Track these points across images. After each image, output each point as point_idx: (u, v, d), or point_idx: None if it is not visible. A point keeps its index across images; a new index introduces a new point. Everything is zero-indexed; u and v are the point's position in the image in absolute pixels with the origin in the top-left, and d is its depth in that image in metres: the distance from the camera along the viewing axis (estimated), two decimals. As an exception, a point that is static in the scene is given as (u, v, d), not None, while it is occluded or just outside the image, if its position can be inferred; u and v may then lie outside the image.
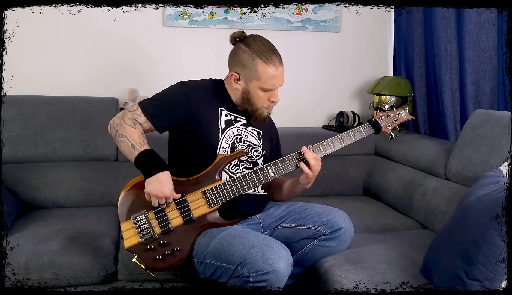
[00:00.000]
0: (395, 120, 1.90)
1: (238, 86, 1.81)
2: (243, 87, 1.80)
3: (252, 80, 1.78)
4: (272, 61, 1.76)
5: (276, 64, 1.77)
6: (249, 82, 1.79)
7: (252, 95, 1.80)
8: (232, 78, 1.81)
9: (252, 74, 1.77)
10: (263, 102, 1.82)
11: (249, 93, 1.80)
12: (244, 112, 1.87)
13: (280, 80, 1.80)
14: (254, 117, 1.85)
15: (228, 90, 1.88)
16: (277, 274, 1.52)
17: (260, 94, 1.79)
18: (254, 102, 1.81)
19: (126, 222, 1.71)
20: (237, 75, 1.80)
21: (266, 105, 1.83)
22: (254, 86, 1.78)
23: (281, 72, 1.79)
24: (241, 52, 1.79)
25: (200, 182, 1.75)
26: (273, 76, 1.77)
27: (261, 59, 1.76)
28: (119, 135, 1.74)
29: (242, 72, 1.79)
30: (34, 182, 2.36)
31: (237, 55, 1.80)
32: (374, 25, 3.02)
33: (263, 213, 1.88)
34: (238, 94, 1.84)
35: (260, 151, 1.90)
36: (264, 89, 1.78)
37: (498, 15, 2.21)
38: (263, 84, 1.77)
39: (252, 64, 1.76)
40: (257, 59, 1.76)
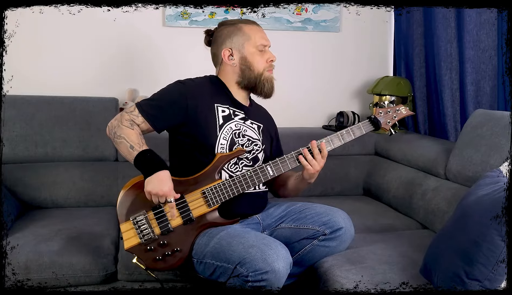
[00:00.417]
0: (395, 116, 1.89)
1: (235, 61, 1.84)
2: (239, 57, 1.84)
3: (244, 44, 1.84)
4: (251, 22, 1.89)
5: (256, 24, 1.89)
6: (242, 49, 1.84)
7: (250, 60, 1.84)
8: (226, 56, 1.85)
9: (242, 38, 1.84)
10: (263, 64, 1.85)
11: (247, 59, 1.84)
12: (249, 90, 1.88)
13: (266, 37, 1.88)
14: (262, 86, 1.85)
15: (225, 79, 1.88)
16: (276, 273, 1.51)
17: (257, 56, 1.84)
18: (254, 66, 1.84)
19: (126, 223, 1.71)
20: (229, 50, 1.84)
21: (267, 67, 1.86)
22: (248, 49, 1.84)
23: (262, 30, 1.89)
24: (222, 31, 1.87)
25: (199, 181, 1.75)
26: (258, 31, 1.86)
27: (241, 23, 1.87)
28: (117, 137, 1.74)
29: (231, 44, 1.84)
30: (34, 182, 2.36)
31: (220, 35, 1.87)
32: (374, 25, 3.02)
33: (263, 213, 1.88)
34: (237, 71, 1.85)
35: (259, 145, 1.90)
36: (258, 47, 1.84)
37: (498, 15, 2.21)
38: (254, 42, 1.84)
39: (237, 30, 1.85)
40: (238, 24, 1.86)
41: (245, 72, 1.84)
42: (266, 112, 2.04)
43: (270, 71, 1.88)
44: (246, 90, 1.89)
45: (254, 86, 1.86)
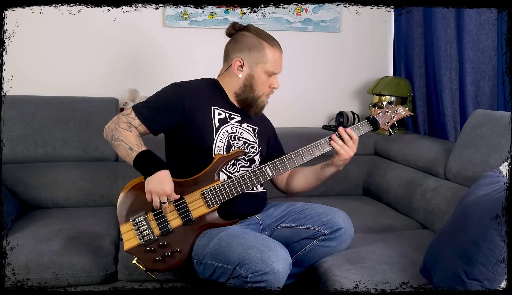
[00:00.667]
0: (393, 116, 1.89)
1: (241, 74, 1.82)
2: (246, 73, 1.82)
3: (259, 64, 1.80)
4: (276, 45, 1.83)
5: (279, 49, 1.84)
6: (254, 66, 1.81)
7: (256, 81, 1.82)
8: (235, 65, 1.82)
9: (259, 58, 1.80)
10: (265, 88, 1.84)
11: (253, 78, 1.82)
12: (243, 104, 1.86)
13: (281, 65, 1.85)
14: (254, 107, 1.85)
15: (224, 84, 1.88)
16: (276, 274, 1.51)
17: (263, 79, 1.82)
18: (256, 88, 1.83)
19: (125, 224, 1.71)
20: (241, 62, 1.81)
21: (267, 92, 1.86)
22: (260, 70, 1.81)
23: (282, 57, 1.85)
24: (246, 38, 1.81)
25: (198, 182, 1.75)
26: (277, 59, 1.82)
27: (267, 42, 1.81)
28: (115, 139, 1.73)
29: (247, 57, 1.80)
30: (34, 182, 2.36)
31: (241, 41, 1.82)
32: (374, 25, 3.02)
33: (262, 213, 1.88)
34: (239, 83, 1.84)
35: (256, 147, 1.90)
36: (269, 72, 1.81)
37: (498, 15, 2.21)
38: (269, 67, 1.81)
39: (260, 47, 1.80)
40: (263, 42, 1.80)
41: (246, 88, 1.83)
42: (262, 114, 2.03)
43: (268, 97, 1.88)
44: (239, 103, 1.88)
45: (248, 103, 1.86)
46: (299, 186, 1.97)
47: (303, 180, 1.95)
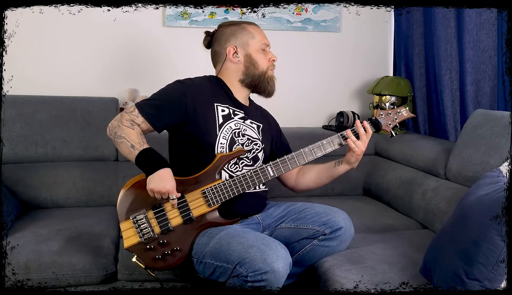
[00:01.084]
0: (396, 118, 1.89)
1: (240, 58, 1.86)
2: (243, 55, 1.87)
3: (248, 42, 1.87)
4: (252, 23, 1.93)
5: (256, 24, 1.94)
6: (246, 46, 1.87)
7: (255, 57, 1.87)
8: (230, 54, 1.86)
9: (246, 36, 1.87)
10: (266, 62, 1.89)
11: (251, 56, 1.87)
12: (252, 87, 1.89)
13: (267, 38, 1.92)
14: (265, 83, 1.88)
15: (227, 78, 1.89)
16: (276, 273, 1.51)
17: (260, 55, 1.88)
18: (259, 64, 1.87)
19: (126, 222, 1.71)
20: (234, 48, 1.87)
21: (270, 66, 1.90)
22: (252, 47, 1.87)
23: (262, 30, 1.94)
24: (224, 30, 1.90)
25: (200, 181, 1.75)
26: (260, 30, 1.92)
27: (243, 23, 1.91)
28: (118, 137, 1.74)
29: (236, 41, 1.87)
30: (34, 182, 2.36)
31: (223, 34, 1.89)
32: (374, 25, 3.02)
33: (262, 213, 1.88)
34: (240, 68, 1.87)
35: (259, 144, 1.90)
36: (261, 46, 1.88)
37: (498, 15, 2.21)
38: (258, 41, 1.88)
39: (241, 28, 1.89)
40: (242, 24, 1.91)
41: (249, 70, 1.86)
42: (266, 112, 2.04)
43: (272, 70, 1.91)
44: (248, 88, 1.90)
45: (258, 84, 1.88)
46: (311, 182, 1.98)
47: (315, 176, 1.96)
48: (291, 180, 2.01)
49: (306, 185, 1.99)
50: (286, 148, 2.03)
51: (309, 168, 1.98)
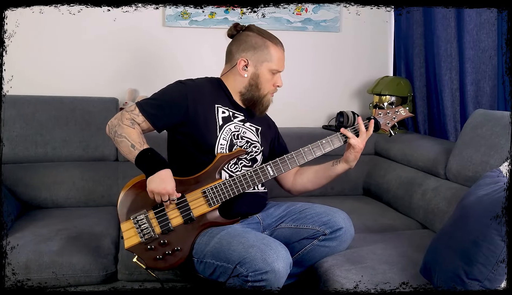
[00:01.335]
0: (394, 117, 1.90)
1: (247, 73, 1.83)
2: (252, 72, 1.83)
3: (263, 63, 1.82)
4: (279, 44, 1.86)
5: (282, 47, 1.87)
6: (259, 65, 1.83)
7: (261, 80, 1.83)
8: (240, 65, 1.83)
9: (264, 56, 1.82)
10: (269, 87, 1.86)
11: (258, 77, 1.83)
12: (248, 103, 1.87)
13: (284, 63, 1.88)
14: (260, 105, 1.86)
15: (229, 83, 1.88)
16: (276, 273, 1.52)
17: (268, 77, 1.84)
18: (262, 87, 1.84)
19: (126, 222, 1.71)
20: (246, 61, 1.83)
21: (272, 91, 1.88)
22: (264, 68, 1.83)
23: (284, 55, 1.88)
24: (250, 38, 1.83)
25: (200, 181, 1.75)
26: (281, 57, 1.85)
27: (271, 41, 1.84)
28: (118, 135, 1.73)
29: (252, 56, 1.82)
30: (34, 182, 2.36)
31: (245, 41, 1.83)
32: (374, 25, 3.02)
33: (263, 213, 1.88)
34: (244, 82, 1.85)
35: (258, 147, 1.90)
36: (273, 71, 1.84)
37: (498, 15, 2.21)
38: (274, 65, 1.83)
39: (264, 47, 1.82)
40: (267, 41, 1.83)
41: (251, 88, 1.85)
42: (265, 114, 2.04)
43: (272, 95, 1.89)
44: (244, 102, 1.89)
45: (254, 103, 1.87)
46: (308, 183, 1.98)
47: (313, 176, 1.96)
48: (288, 182, 2.00)
49: (304, 185, 1.98)
50: (284, 150, 2.03)
51: (306, 169, 1.98)
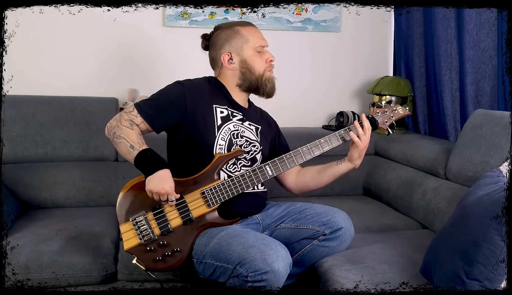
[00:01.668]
0: (392, 116, 1.90)
1: (235, 64, 1.84)
2: (238, 60, 1.84)
3: (243, 47, 1.84)
4: (247, 23, 1.89)
5: (252, 24, 1.89)
6: (241, 51, 1.84)
7: (250, 62, 1.84)
8: (225, 60, 1.85)
9: (240, 41, 1.84)
10: (263, 65, 1.86)
11: (246, 62, 1.84)
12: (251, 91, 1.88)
13: (264, 38, 1.88)
14: (263, 86, 1.86)
15: (225, 82, 1.88)
16: (276, 273, 1.51)
17: (256, 58, 1.85)
18: (255, 68, 1.84)
19: (125, 224, 1.71)
20: (229, 54, 1.84)
21: (267, 68, 1.87)
22: (247, 51, 1.84)
23: (259, 30, 1.89)
24: (219, 35, 1.87)
25: (198, 181, 1.75)
26: (256, 33, 1.86)
27: (238, 25, 1.87)
28: (117, 137, 1.74)
29: (230, 47, 1.84)
30: (34, 182, 2.36)
31: (217, 40, 1.87)
32: (374, 25, 3.02)
33: (262, 213, 1.88)
34: (237, 74, 1.85)
35: (257, 146, 1.90)
36: (256, 49, 1.85)
37: (498, 15, 2.21)
38: (253, 44, 1.84)
39: (234, 33, 1.85)
40: (235, 27, 1.86)
41: (246, 75, 1.85)
42: (265, 113, 2.04)
43: (271, 71, 1.89)
44: (247, 92, 1.89)
45: (256, 87, 1.87)
46: (311, 181, 1.97)
47: (316, 175, 1.95)
48: (289, 181, 2.00)
49: (306, 184, 1.98)
50: (285, 149, 2.02)
51: (309, 168, 1.97)
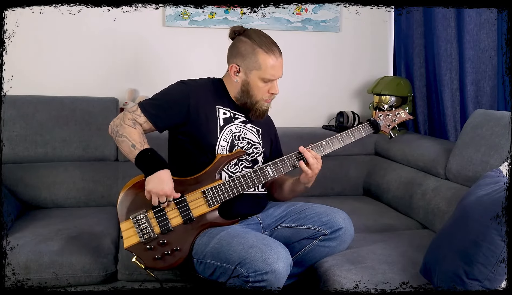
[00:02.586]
0: (394, 120, 1.91)
1: (238, 79, 1.82)
2: (243, 79, 1.81)
3: (252, 71, 1.79)
4: (272, 51, 1.78)
5: (277, 55, 1.79)
6: (249, 73, 1.79)
7: (252, 87, 1.80)
8: (232, 70, 1.82)
9: (253, 64, 1.78)
10: (263, 94, 1.82)
11: (249, 84, 1.80)
12: (243, 107, 1.86)
13: (279, 71, 1.81)
14: (253, 111, 1.85)
15: (227, 86, 1.88)
16: (276, 274, 1.52)
17: (259, 85, 1.80)
18: (253, 94, 1.81)
19: (126, 222, 1.71)
20: (237, 67, 1.81)
21: (266, 98, 1.84)
22: (254, 77, 1.79)
23: (280, 63, 1.81)
24: (241, 44, 1.80)
25: (200, 181, 1.75)
26: (273, 66, 1.78)
27: (261, 49, 1.77)
28: (119, 135, 1.74)
29: (242, 63, 1.80)
30: (34, 182, 2.36)
31: (237, 47, 1.81)
32: (374, 25, 3.02)
33: (262, 213, 1.88)
34: (237, 88, 1.84)
35: (259, 148, 1.90)
36: (264, 79, 1.79)
37: (498, 15, 2.21)
38: (263, 74, 1.78)
39: (252, 54, 1.78)
40: (257, 49, 1.77)
41: (243, 94, 1.83)
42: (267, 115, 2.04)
43: (268, 101, 1.86)
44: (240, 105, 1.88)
45: (248, 108, 1.86)
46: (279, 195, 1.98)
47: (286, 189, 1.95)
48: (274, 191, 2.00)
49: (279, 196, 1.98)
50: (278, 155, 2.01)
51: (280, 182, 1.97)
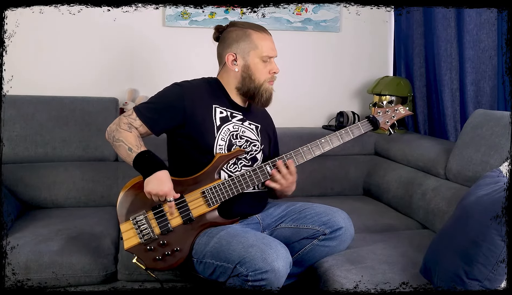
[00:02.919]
0: (393, 116, 1.90)
1: (237, 67, 1.82)
2: (242, 65, 1.82)
3: (250, 52, 1.80)
4: (263, 30, 1.83)
5: (268, 33, 1.84)
6: (247, 56, 1.81)
7: (253, 70, 1.81)
8: (229, 61, 1.82)
9: (248, 46, 1.80)
10: (264, 75, 1.83)
11: (249, 68, 1.81)
12: (247, 97, 1.86)
13: (274, 49, 1.84)
14: (259, 96, 1.83)
15: (224, 83, 1.88)
16: (276, 273, 1.52)
17: (260, 66, 1.81)
18: (256, 77, 1.82)
19: (126, 223, 1.71)
20: (234, 55, 1.82)
21: (268, 79, 1.84)
22: (253, 58, 1.81)
23: (273, 41, 1.85)
24: (231, 33, 1.83)
25: (199, 181, 1.75)
26: (267, 40, 1.82)
27: (252, 30, 1.82)
28: (116, 140, 1.74)
29: (237, 49, 1.81)
30: (34, 182, 2.36)
31: (228, 37, 1.84)
32: (374, 25, 3.02)
33: (262, 213, 1.88)
34: (237, 77, 1.84)
35: (258, 145, 1.90)
36: (263, 58, 1.81)
37: (498, 15, 2.21)
38: (261, 52, 1.80)
39: (246, 36, 1.81)
40: (249, 30, 1.82)
41: (245, 80, 1.83)
42: (265, 111, 2.04)
43: (271, 83, 1.86)
44: (244, 96, 1.88)
45: (253, 95, 1.85)
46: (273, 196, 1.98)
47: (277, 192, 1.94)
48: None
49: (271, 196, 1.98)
50: (277, 152, 2.02)
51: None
